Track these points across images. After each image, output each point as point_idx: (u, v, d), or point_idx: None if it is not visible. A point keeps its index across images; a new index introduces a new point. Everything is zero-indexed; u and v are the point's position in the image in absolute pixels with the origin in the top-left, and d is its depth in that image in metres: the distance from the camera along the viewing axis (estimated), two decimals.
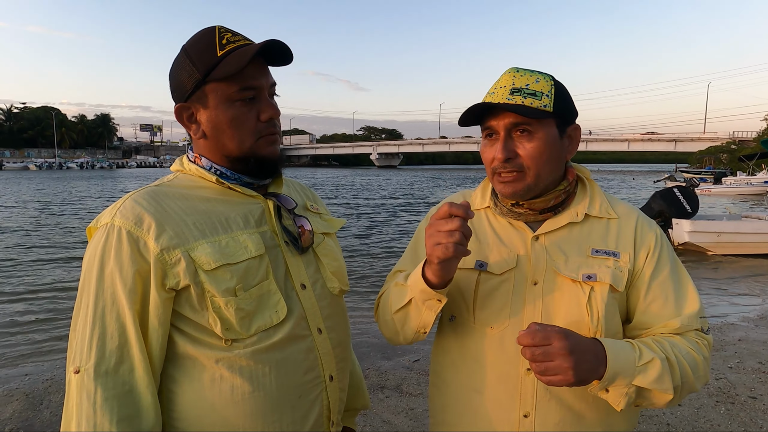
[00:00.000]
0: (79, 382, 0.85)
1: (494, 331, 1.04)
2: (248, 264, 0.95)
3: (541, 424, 1.00)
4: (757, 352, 4.36)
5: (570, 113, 1.04)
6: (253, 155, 1.01)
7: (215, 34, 0.97)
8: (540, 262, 1.04)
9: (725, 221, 9.83)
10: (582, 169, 1.15)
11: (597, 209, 1.07)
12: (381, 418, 3.16)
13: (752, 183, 28.26)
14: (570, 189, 1.08)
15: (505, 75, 1.03)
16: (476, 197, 1.17)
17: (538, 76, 1.02)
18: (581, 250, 1.03)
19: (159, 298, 0.89)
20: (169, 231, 0.91)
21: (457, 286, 1.10)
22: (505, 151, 1.00)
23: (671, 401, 0.94)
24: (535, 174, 1.01)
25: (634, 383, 0.89)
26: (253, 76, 0.97)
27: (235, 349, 0.92)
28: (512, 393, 1.02)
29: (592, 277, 1.00)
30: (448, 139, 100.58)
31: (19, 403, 3.43)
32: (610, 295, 1.00)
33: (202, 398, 0.92)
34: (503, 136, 1.00)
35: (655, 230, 1.07)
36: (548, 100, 0.99)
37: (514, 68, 1.04)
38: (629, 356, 0.90)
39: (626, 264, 1.02)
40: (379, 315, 1.16)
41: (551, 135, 1.01)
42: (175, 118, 1.03)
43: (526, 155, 1.00)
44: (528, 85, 0.99)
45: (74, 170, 70.12)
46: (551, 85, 1.01)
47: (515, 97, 0.98)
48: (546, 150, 1.00)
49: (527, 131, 0.99)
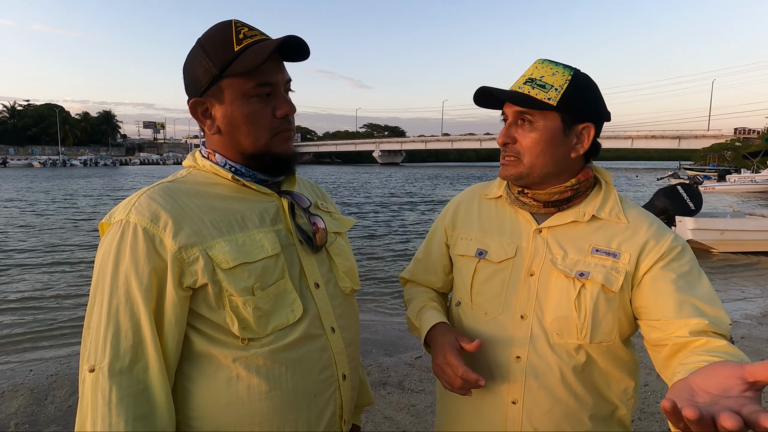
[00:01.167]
0: (93, 381, 0.84)
1: (488, 317, 1.08)
2: (265, 263, 0.94)
3: (529, 412, 1.03)
4: (759, 350, 4.35)
5: (582, 111, 1.02)
6: (269, 152, 1.00)
7: (232, 28, 0.95)
8: (539, 254, 1.06)
9: (729, 219, 9.77)
10: (604, 172, 1.12)
11: (606, 212, 1.06)
12: (383, 414, 3.17)
13: (756, 180, 28.09)
14: (580, 188, 1.07)
15: (532, 65, 1.06)
16: (493, 187, 1.21)
17: (558, 69, 1.02)
18: (582, 248, 1.04)
19: (176, 296, 0.88)
20: (186, 229, 0.90)
21: (460, 272, 1.17)
22: (504, 136, 1.06)
23: None
24: (529, 164, 1.03)
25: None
26: (270, 72, 0.96)
27: (252, 348, 0.92)
28: (501, 378, 1.05)
29: (584, 275, 1.01)
30: (450, 136, 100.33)
31: (24, 398, 3.45)
32: (602, 294, 1.00)
33: (218, 397, 0.91)
34: (510, 121, 1.05)
35: (671, 234, 1.04)
36: (555, 94, 0.99)
37: (542, 59, 1.06)
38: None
39: (625, 265, 1.01)
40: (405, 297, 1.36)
41: (552, 129, 1.02)
42: (190, 113, 1.01)
43: (523, 144, 1.03)
44: (543, 77, 1.01)
45: (78, 167, 70.27)
46: (567, 80, 1.00)
47: (525, 87, 1.02)
48: (543, 142, 1.02)
49: (529, 121, 1.02)
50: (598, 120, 1.05)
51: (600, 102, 1.05)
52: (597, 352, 1.03)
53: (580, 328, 1.00)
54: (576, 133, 1.04)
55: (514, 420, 1.04)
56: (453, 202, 1.28)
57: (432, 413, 3.18)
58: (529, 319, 1.04)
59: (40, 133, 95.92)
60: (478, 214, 1.19)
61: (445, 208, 1.29)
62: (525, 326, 1.04)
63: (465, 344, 1.01)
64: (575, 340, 1.01)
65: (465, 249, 1.16)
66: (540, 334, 1.03)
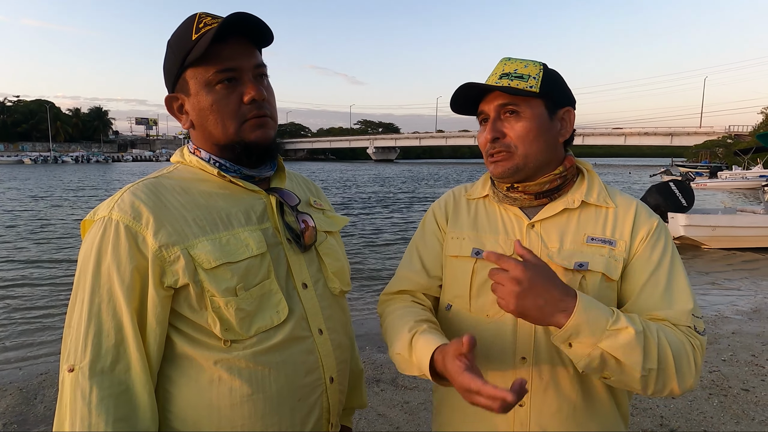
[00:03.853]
0: (73, 381, 0.82)
1: (490, 319, 1.04)
2: (249, 263, 0.92)
3: (537, 414, 1.00)
4: (750, 345, 4.39)
5: (560, 95, 1.06)
6: (240, 141, 0.96)
7: (195, 20, 0.94)
8: (534, 249, 1.04)
9: (720, 215, 9.86)
10: (583, 162, 1.14)
11: (594, 197, 1.06)
12: (376, 411, 3.17)
13: (747, 177, 28.34)
14: (567, 175, 1.08)
15: (498, 64, 1.07)
16: (477, 187, 1.19)
17: (528, 62, 1.05)
18: (576, 237, 1.03)
19: (157, 296, 0.86)
20: (167, 227, 0.88)
21: (454, 274, 1.11)
22: (492, 131, 1.03)
23: (644, 384, 0.87)
24: (524, 154, 1.02)
25: (600, 345, 0.84)
26: (230, 57, 0.93)
27: (234, 350, 0.90)
28: (507, 381, 1.00)
29: (584, 265, 0.99)
30: (445, 133, 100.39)
31: (12, 398, 3.42)
32: (603, 283, 0.99)
33: (200, 399, 0.89)
34: (493, 117, 1.04)
35: (654, 219, 1.05)
36: (535, 82, 1.01)
37: (506, 57, 1.07)
38: (601, 315, 0.85)
39: (622, 253, 1.01)
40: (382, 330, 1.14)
41: (539, 115, 1.02)
42: (167, 109, 1.00)
43: (514, 135, 1.02)
44: (516, 70, 1.03)
45: (69, 164, 69.65)
46: (540, 69, 1.04)
47: (503, 81, 1.02)
48: (533, 129, 1.02)
49: (515, 112, 1.02)
50: (573, 105, 1.09)
51: (569, 89, 1.09)
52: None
53: None
54: (559, 118, 1.06)
55: (522, 422, 1.01)
56: (437, 204, 1.23)
57: (426, 410, 3.17)
58: None
59: (31, 130, 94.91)
60: (467, 213, 1.16)
61: (429, 212, 1.24)
62: (528, 326, 1.00)
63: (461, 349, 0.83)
64: None
65: (458, 249, 1.11)
66: (545, 333, 1.00)
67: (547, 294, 0.85)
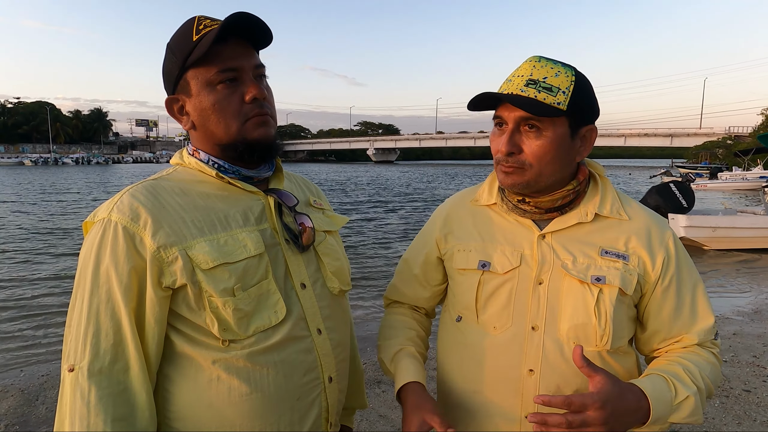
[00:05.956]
0: (73, 381, 0.83)
1: (498, 332, 1.03)
2: (247, 263, 0.93)
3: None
4: (751, 346, 4.39)
5: (588, 113, 0.98)
6: (242, 140, 0.97)
7: (194, 22, 0.96)
8: (546, 261, 1.01)
9: (721, 216, 9.85)
10: (595, 165, 1.09)
11: (608, 209, 1.02)
12: (377, 412, 3.16)
13: (747, 178, 28.31)
14: (580, 189, 1.03)
15: (525, 63, 0.97)
16: (483, 193, 1.13)
17: (560, 69, 0.95)
18: (590, 250, 1.00)
19: (155, 296, 0.87)
20: (165, 228, 0.89)
21: (462, 286, 1.09)
22: (509, 145, 0.96)
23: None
24: (537, 173, 0.97)
25: (669, 420, 0.91)
26: (231, 57, 0.94)
27: (232, 350, 0.91)
28: (514, 394, 1.00)
29: (601, 279, 0.97)
30: (444, 134, 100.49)
31: (14, 399, 3.42)
32: (619, 298, 0.97)
33: (198, 399, 0.90)
34: (511, 128, 0.96)
35: (668, 233, 1.03)
36: (563, 98, 0.93)
37: (537, 57, 0.97)
38: (666, 398, 0.90)
39: (635, 268, 0.99)
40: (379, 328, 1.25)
41: (561, 135, 0.95)
42: (167, 111, 1.01)
43: (530, 153, 0.96)
44: (546, 78, 0.93)
45: (70, 165, 69.66)
46: (571, 81, 0.94)
47: (529, 90, 0.93)
48: (552, 150, 0.95)
49: (536, 128, 0.94)
50: (596, 118, 1.02)
51: (597, 101, 1.01)
52: (613, 359, 1.00)
53: (600, 336, 0.96)
54: (581, 136, 1.00)
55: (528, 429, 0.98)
56: (439, 212, 1.20)
57: None
58: (541, 330, 0.99)
59: (31, 131, 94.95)
60: (473, 223, 1.12)
61: (431, 220, 1.22)
62: (537, 338, 0.99)
63: (439, 427, 0.92)
64: (593, 348, 0.98)
65: (465, 262, 1.08)
66: (553, 345, 0.98)
67: (627, 415, 0.86)
